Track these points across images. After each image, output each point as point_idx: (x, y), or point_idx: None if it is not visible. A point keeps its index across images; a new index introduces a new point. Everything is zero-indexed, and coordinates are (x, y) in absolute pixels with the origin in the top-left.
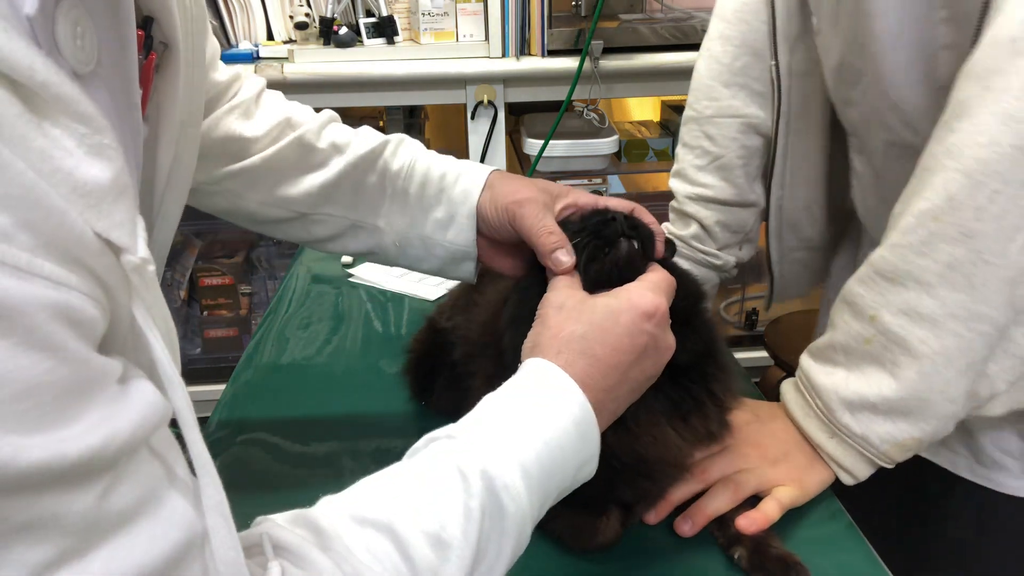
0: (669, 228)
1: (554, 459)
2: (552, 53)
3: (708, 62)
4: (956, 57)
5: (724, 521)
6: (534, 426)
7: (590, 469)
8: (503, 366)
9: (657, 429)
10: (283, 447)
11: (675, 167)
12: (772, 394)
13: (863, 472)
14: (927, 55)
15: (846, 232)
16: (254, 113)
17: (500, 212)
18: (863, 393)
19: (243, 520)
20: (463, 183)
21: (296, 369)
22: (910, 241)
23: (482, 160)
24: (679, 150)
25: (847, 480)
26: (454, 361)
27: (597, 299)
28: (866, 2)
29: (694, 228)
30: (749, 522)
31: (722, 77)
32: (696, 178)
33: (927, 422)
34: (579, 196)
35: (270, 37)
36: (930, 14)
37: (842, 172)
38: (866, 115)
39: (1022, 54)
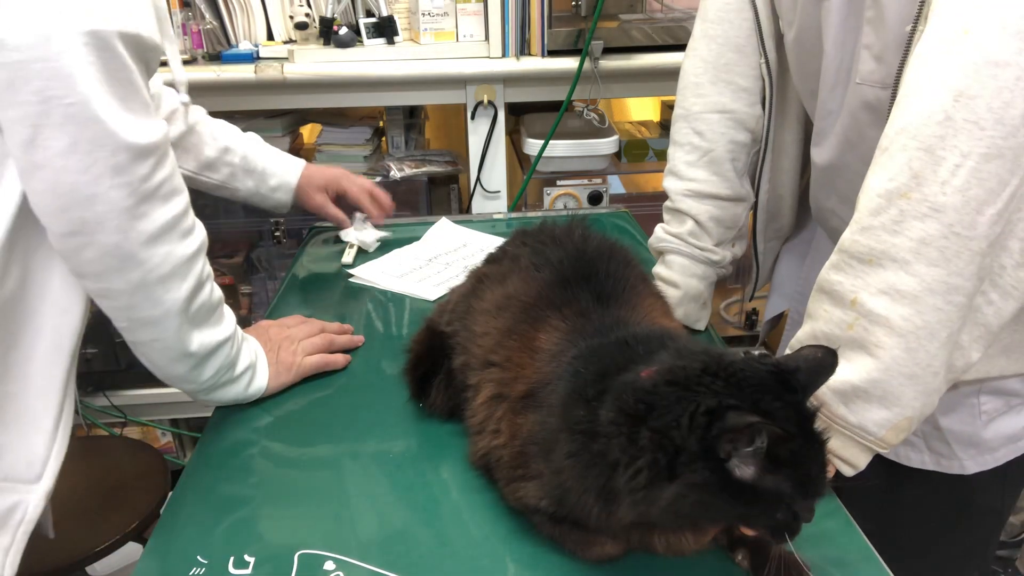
0: (665, 228)
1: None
2: (552, 53)
3: (693, 61)
4: (870, 57)
5: None
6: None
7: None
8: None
9: (676, 537)
10: (283, 448)
11: (667, 167)
12: None
13: (862, 461)
14: (850, 52)
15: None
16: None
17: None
18: (851, 380)
19: (243, 522)
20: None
21: None
22: (882, 221)
23: (482, 160)
24: (670, 149)
25: (847, 471)
26: (452, 367)
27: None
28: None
29: (689, 225)
30: None
31: (708, 74)
32: (688, 173)
33: (916, 399)
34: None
35: (270, 37)
36: (861, 12)
37: (807, 165)
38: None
39: (971, 34)
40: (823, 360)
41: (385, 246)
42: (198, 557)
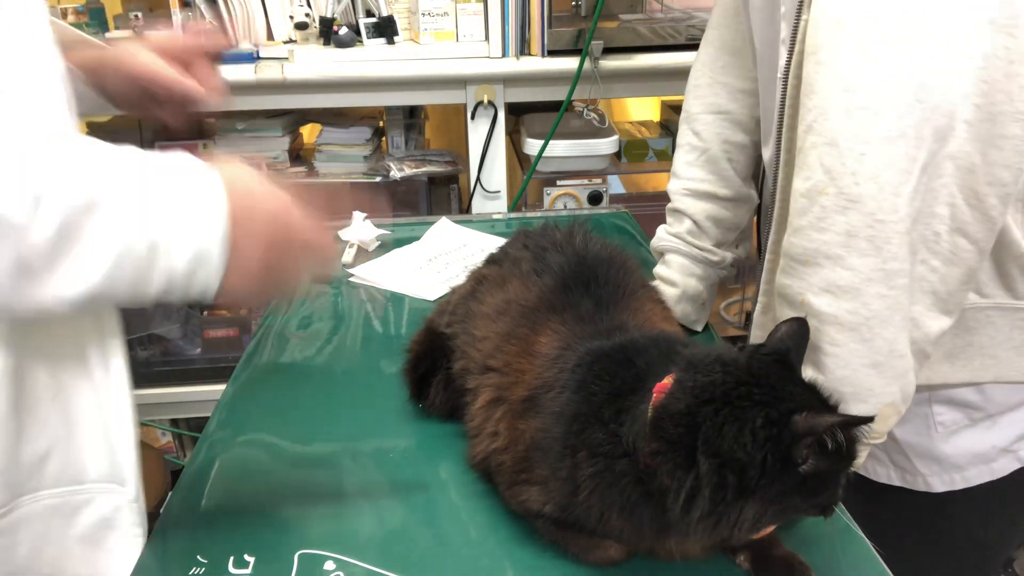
0: (666, 228)
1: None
2: (552, 53)
3: (695, 66)
4: (786, 52)
5: None
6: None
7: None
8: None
9: (689, 546)
10: (283, 447)
11: (671, 169)
12: None
13: (860, 457)
14: (775, 49)
15: None
16: None
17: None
18: (819, 383)
19: (243, 522)
20: None
21: (296, 369)
22: (809, 220)
23: (482, 160)
24: (675, 152)
25: None
26: (451, 369)
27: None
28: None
29: (687, 224)
30: None
31: (705, 77)
32: (685, 172)
33: (889, 384)
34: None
35: (270, 37)
36: (776, 11)
37: None
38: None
39: (843, 24)
40: (799, 330)
41: (385, 246)
42: (198, 557)
